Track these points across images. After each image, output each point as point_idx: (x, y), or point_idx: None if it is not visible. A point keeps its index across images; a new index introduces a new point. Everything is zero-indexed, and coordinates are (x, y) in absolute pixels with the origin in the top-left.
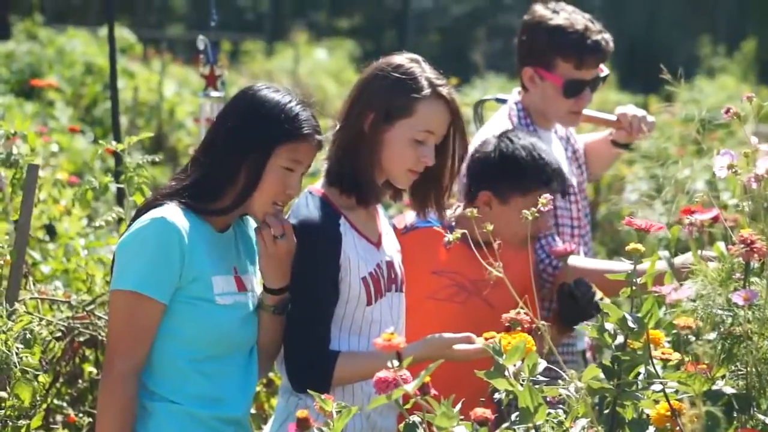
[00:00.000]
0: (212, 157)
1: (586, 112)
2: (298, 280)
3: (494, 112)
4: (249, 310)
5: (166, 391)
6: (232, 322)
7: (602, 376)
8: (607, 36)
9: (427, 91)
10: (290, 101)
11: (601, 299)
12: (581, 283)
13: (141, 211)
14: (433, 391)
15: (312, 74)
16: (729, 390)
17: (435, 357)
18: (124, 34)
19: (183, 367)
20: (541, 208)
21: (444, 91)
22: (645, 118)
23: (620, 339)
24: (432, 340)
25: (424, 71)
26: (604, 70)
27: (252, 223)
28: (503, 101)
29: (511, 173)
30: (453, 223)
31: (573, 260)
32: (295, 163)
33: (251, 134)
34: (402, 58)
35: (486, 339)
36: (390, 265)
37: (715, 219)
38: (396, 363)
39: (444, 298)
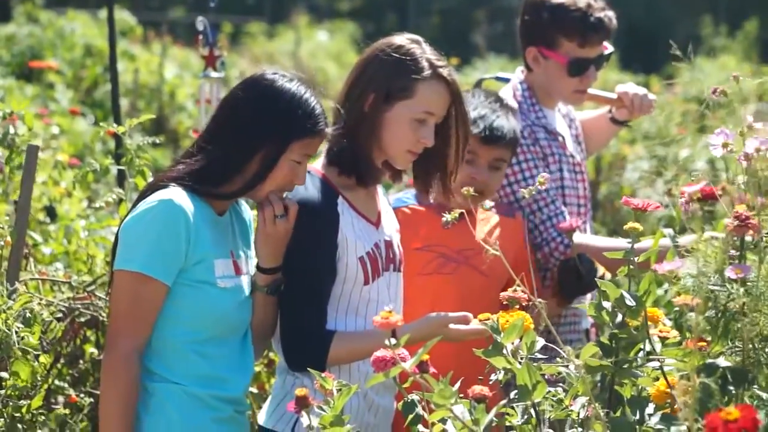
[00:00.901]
0: (222, 143)
1: (589, 91)
2: (295, 259)
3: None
4: (245, 294)
5: (166, 371)
6: (231, 305)
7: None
8: (610, 13)
9: (427, 72)
10: (305, 94)
11: (603, 276)
12: (585, 259)
13: (146, 192)
14: (432, 369)
15: (313, 56)
16: (724, 363)
17: (431, 336)
18: (124, 16)
19: (182, 349)
20: (539, 188)
21: (444, 72)
22: (646, 96)
23: (618, 317)
24: (429, 319)
25: (425, 52)
26: (609, 47)
27: (245, 207)
28: (503, 80)
29: None
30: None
31: (577, 237)
32: (305, 156)
33: (268, 128)
34: (402, 39)
35: (481, 320)
36: (389, 244)
37: (708, 195)
38: (392, 342)
39: (431, 271)
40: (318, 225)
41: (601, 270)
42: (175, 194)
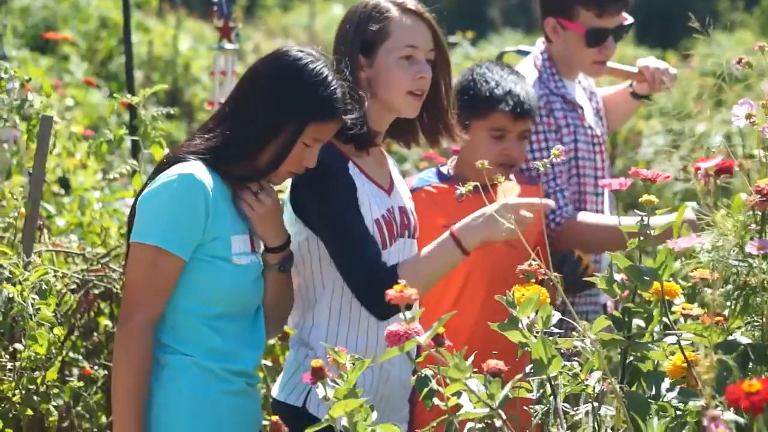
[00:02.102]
0: (243, 119)
1: (609, 64)
2: (329, 217)
3: (515, 64)
4: (259, 271)
5: (178, 344)
6: (246, 282)
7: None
8: None
9: (393, 10)
10: (329, 76)
11: (587, 271)
12: (570, 260)
13: (163, 165)
14: (447, 343)
15: (328, 29)
16: (744, 340)
17: (495, 232)
18: None
19: (195, 322)
20: (554, 160)
21: (410, 4)
22: (667, 71)
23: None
24: (492, 210)
25: None
26: (628, 18)
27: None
28: (525, 53)
29: (467, 100)
30: (450, 173)
31: (582, 216)
32: (317, 141)
33: (288, 106)
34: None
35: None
36: (403, 210)
37: (725, 169)
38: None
39: None
40: (338, 186)
41: (590, 266)
42: (196, 168)
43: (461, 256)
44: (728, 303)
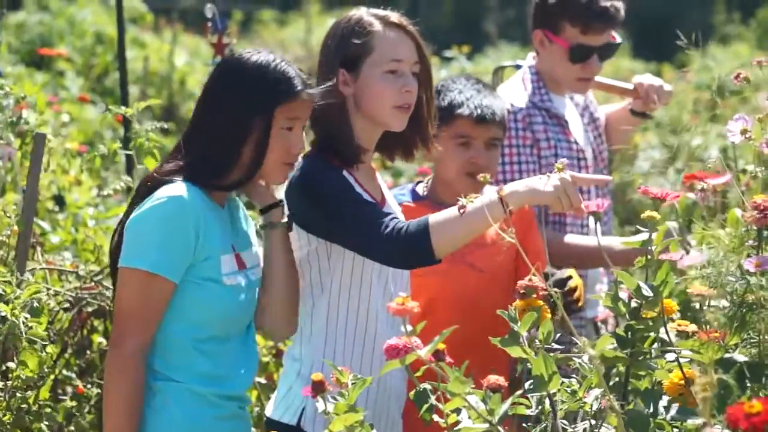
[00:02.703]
0: (211, 132)
1: (602, 80)
2: (332, 203)
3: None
4: (248, 290)
5: (169, 370)
6: (236, 302)
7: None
8: (618, 4)
9: (376, 24)
10: (273, 61)
11: (576, 293)
12: (558, 283)
13: (144, 188)
14: (447, 358)
15: None
16: (741, 358)
17: (538, 190)
18: (135, 4)
19: (187, 347)
20: (557, 172)
21: (393, 18)
22: (662, 88)
23: (634, 307)
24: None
25: (369, 11)
26: (617, 38)
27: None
28: (521, 67)
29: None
30: (425, 193)
31: (569, 237)
32: (293, 120)
33: (246, 103)
34: (346, 14)
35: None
36: None
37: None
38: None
39: (422, 273)
40: (335, 178)
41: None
42: (184, 190)
43: (502, 214)
44: (724, 319)
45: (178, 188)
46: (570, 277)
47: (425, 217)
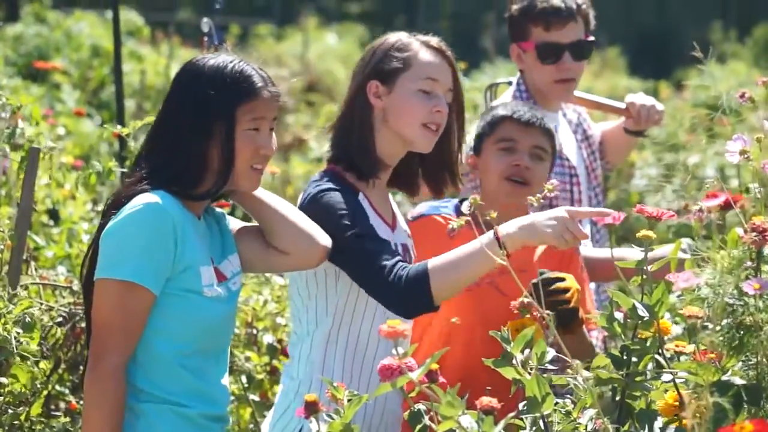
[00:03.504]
0: (172, 139)
1: (595, 98)
2: (343, 235)
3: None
4: (229, 301)
5: (154, 388)
6: (217, 314)
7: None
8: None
9: (416, 44)
10: (231, 62)
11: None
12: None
13: (117, 200)
14: (441, 379)
15: (321, 59)
16: (738, 381)
17: (535, 236)
18: (132, 17)
19: (171, 363)
20: (547, 194)
21: (433, 42)
22: (654, 107)
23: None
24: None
25: (413, 35)
26: (590, 36)
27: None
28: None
29: (480, 123)
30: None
31: (582, 250)
32: (258, 120)
33: (206, 106)
34: (389, 34)
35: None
36: (405, 248)
37: (725, 205)
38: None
39: None
40: (350, 204)
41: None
42: (159, 198)
43: (502, 256)
44: (722, 341)
45: (153, 196)
46: (560, 279)
47: (424, 264)
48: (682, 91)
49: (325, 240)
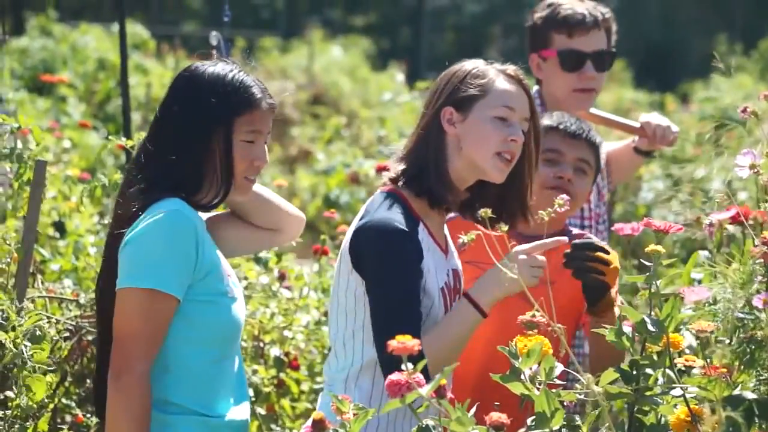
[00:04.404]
0: (173, 148)
1: (609, 116)
2: (382, 283)
3: None
4: (241, 299)
5: (184, 399)
6: (240, 313)
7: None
8: (604, 9)
9: (493, 72)
10: (230, 72)
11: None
12: (575, 254)
13: (134, 212)
14: (449, 395)
15: (327, 71)
16: (750, 395)
17: (508, 288)
18: (138, 30)
19: (201, 371)
20: (558, 209)
21: (511, 71)
22: (669, 128)
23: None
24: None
25: (490, 62)
26: (611, 47)
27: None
28: None
29: None
30: None
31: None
32: (254, 133)
33: (204, 116)
34: (464, 61)
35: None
36: (456, 273)
37: (735, 219)
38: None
39: None
40: (407, 247)
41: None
42: (179, 205)
43: (481, 318)
44: (733, 356)
45: (172, 203)
46: (605, 251)
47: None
48: (688, 104)
49: (302, 213)
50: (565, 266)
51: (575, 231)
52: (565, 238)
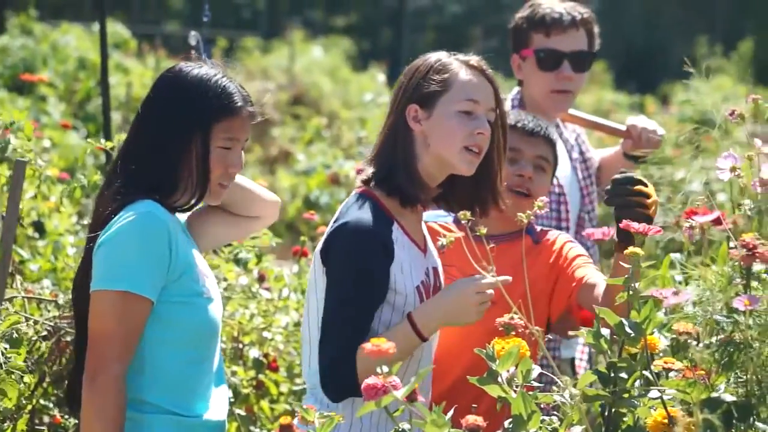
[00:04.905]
0: (151, 149)
1: (594, 119)
2: (340, 287)
3: None
4: (218, 298)
5: (160, 399)
6: (217, 313)
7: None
8: (583, 9)
9: (456, 64)
10: (214, 76)
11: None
12: (616, 189)
13: (104, 211)
14: (421, 399)
15: (307, 71)
16: (728, 398)
17: (455, 316)
18: (118, 29)
19: (176, 371)
20: (537, 211)
21: (474, 61)
22: (655, 132)
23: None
24: (449, 294)
25: (452, 54)
26: (591, 48)
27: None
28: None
29: None
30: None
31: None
32: (231, 140)
33: (185, 117)
34: (428, 54)
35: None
36: (435, 271)
37: (716, 222)
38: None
39: None
40: (373, 247)
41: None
42: (151, 207)
43: (419, 342)
44: (711, 358)
45: (143, 205)
46: (644, 183)
47: (355, 358)
48: (668, 105)
49: (277, 197)
50: (607, 203)
51: (539, 228)
52: (509, 278)
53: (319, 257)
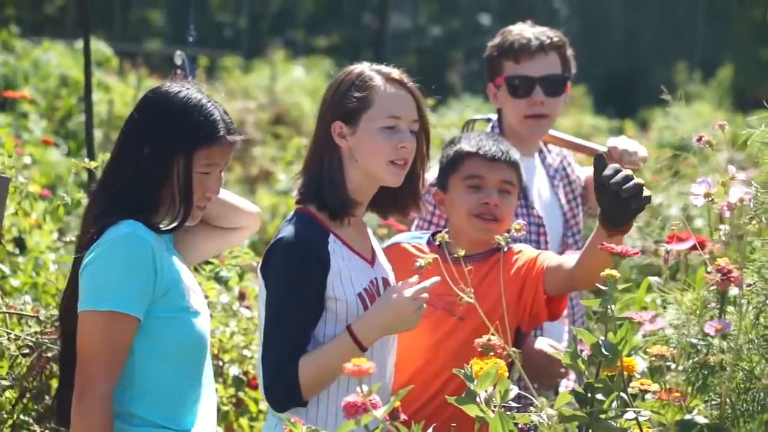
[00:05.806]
0: (133, 170)
1: (575, 140)
2: (277, 297)
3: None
4: (207, 312)
5: (149, 413)
6: (204, 327)
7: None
8: (551, 33)
9: (377, 79)
10: (200, 101)
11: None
12: (599, 162)
13: (90, 234)
14: (402, 416)
15: (289, 91)
16: (702, 420)
17: (396, 324)
18: (100, 47)
19: (165, 386)
20: (514, 234)
21: (395, 74)
22: (636, 153)
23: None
24: (386, 302)
25: (371, 66)
26: (568, 74)
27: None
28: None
29: (445, 160)
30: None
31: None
32: (211, 166)
33: (171, 139)
34: (350, 67)
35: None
36: (386, 281)
37: (693, 248)
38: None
39: None
40: (305, 262)
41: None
42: (133, 227)
43: (359, 352)
44: (686, 381)
45: (126, 226)
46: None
47: (297, 365)
48: (647, 131)
49: (257, 207)
50: (599, 203)
51: (506, 248)
52: (437, 278)
53: (259, 273)
